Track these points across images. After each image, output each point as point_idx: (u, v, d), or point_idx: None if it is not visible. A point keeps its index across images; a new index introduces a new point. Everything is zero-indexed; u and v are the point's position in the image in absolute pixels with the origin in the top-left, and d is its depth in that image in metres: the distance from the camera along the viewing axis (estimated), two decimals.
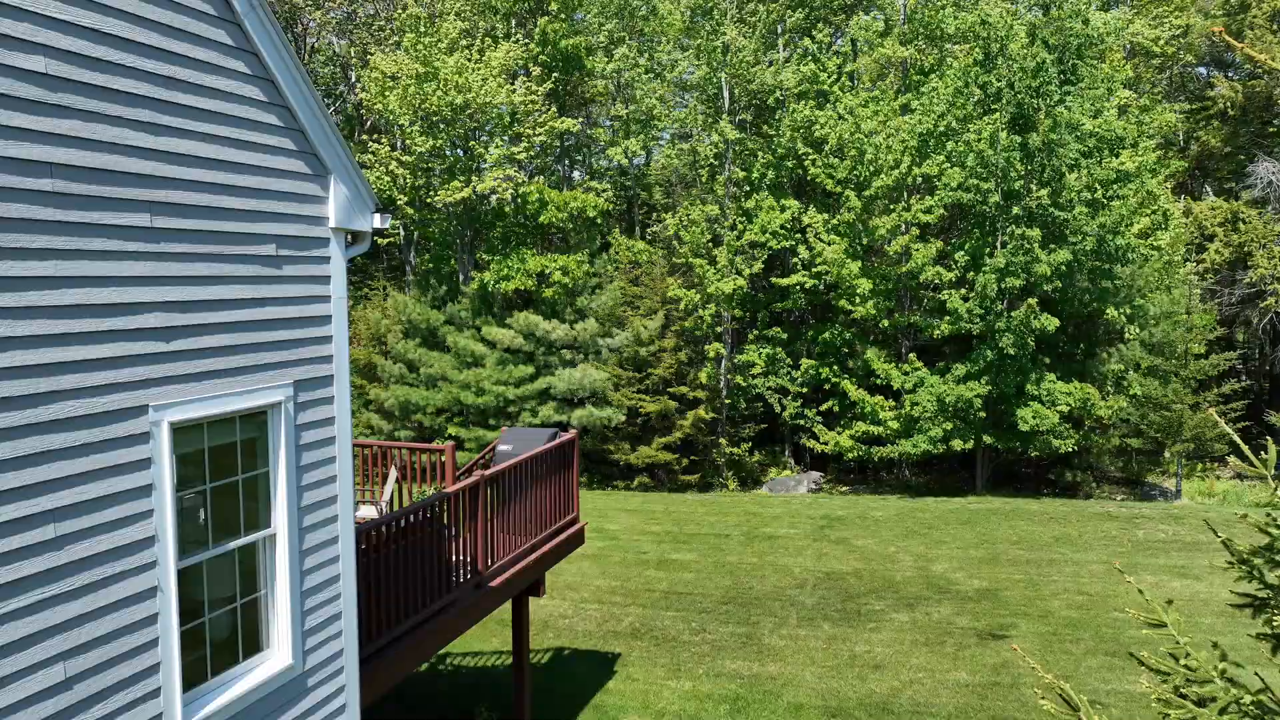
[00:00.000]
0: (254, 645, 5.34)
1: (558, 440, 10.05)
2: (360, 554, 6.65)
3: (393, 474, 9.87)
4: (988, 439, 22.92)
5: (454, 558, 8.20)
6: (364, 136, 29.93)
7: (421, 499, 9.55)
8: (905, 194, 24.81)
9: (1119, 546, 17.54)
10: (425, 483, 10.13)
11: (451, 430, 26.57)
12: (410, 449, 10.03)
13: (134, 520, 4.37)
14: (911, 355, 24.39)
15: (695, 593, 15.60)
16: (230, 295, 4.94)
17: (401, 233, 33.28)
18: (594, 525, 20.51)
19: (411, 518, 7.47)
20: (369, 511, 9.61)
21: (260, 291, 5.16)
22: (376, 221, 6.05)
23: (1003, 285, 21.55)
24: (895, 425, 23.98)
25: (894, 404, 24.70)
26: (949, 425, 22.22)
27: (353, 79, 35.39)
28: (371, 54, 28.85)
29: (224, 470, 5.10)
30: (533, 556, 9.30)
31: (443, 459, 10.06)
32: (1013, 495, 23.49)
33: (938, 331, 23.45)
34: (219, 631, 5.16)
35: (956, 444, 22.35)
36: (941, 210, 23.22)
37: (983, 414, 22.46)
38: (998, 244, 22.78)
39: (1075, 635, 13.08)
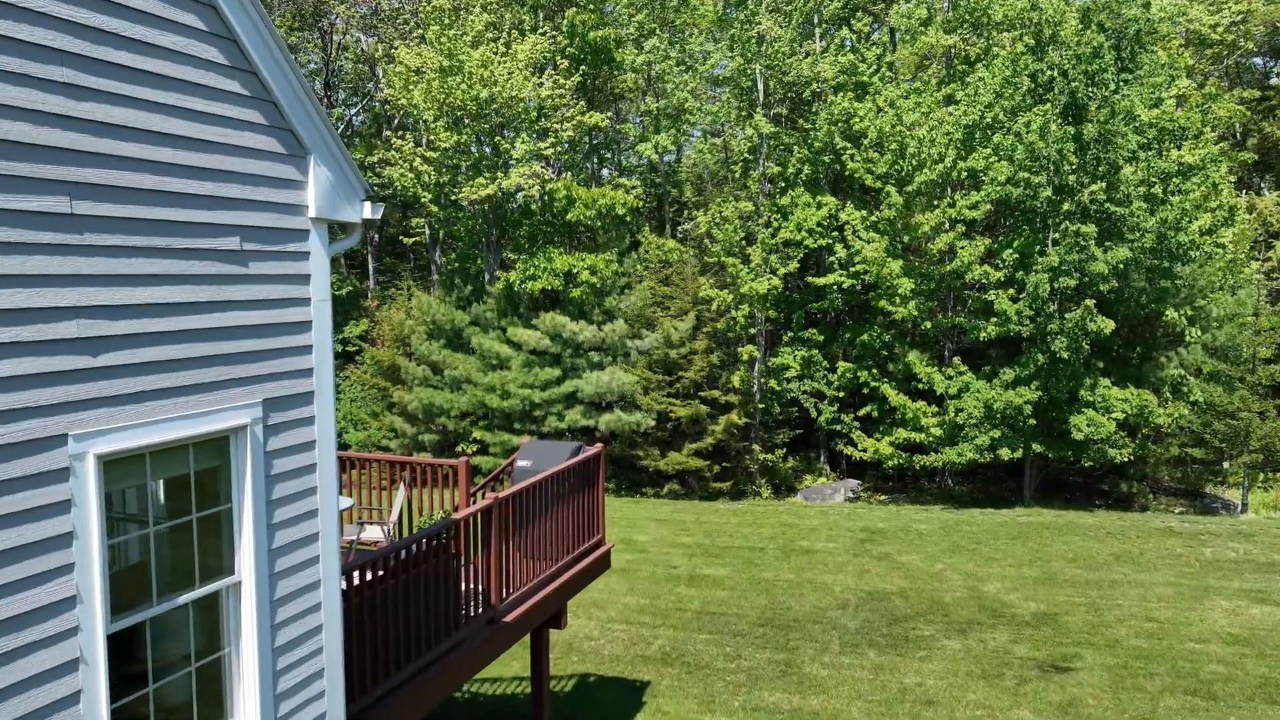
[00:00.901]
0: (216, 715, 4.49)
1: (581, 455, 9.15)
2: (352, 592, 5.80)
3: (401, 492, 9.03)
4: (1037, 447, 21.71)
5: (464, 586, 7.34)
6: (388, 133, 29.28)
7: (427, 526, 8.71)
8: (949, 189, 23.64)
9: (1186, 566, 16.30)
10: (436, 498, 9.28)
11: (476, 434, 25.84)
12: (421, 464, 9.19)
13: (48, 578, 3.52)
14: (955, 359, 23.20)
15: (729, 613, 14.64)
16: (179, 298, 4.08)
17: (427, 231, 32.64)
18: (622, 536, 19.63)
19: (415, 548, 6.61)
20: (375, 533, 8.78)
21: (220, 293, 4.30)
22: (367, 211, 5.18)
23: (1055, 285, 20.33)
24: (938, 432, 22.83)
25: (937, 409, 23.55)
26: (996, 433, 21.04)
27: (380, 77, 34.83)
28: (396, 49, 28.20)
29: (176, 509, 4.24)
30: (553, 586, 8.41)
31: (461, 474, 9.20)
32: (1064, 507, 22.25)
33: (984, 334, 22.27)
34: (172, 697, 4.31)
35: (1005, 453, 21.16)
36: (988, 206, 22.03)
37: (1032, 421, 21.24)
38: (1048, 241, 21.55)
39: (1148, 669, 11.94)
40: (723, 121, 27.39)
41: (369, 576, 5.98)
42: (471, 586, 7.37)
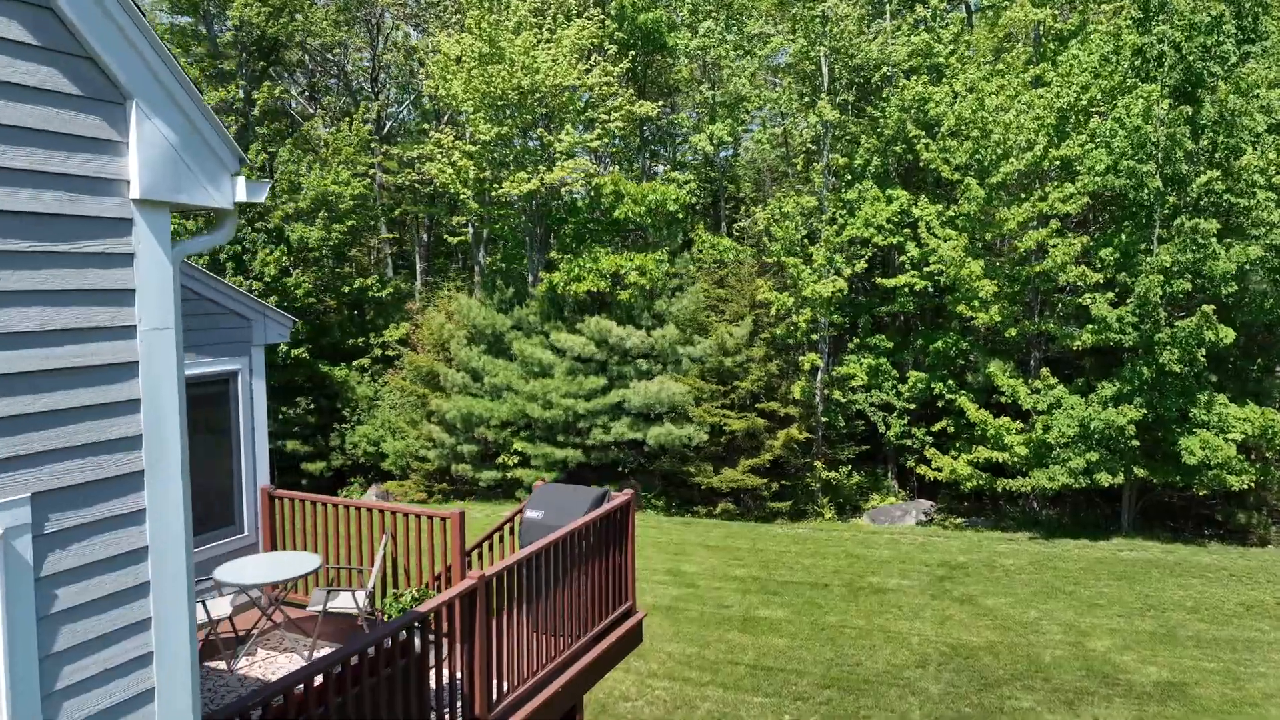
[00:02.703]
0: None
1: (606, 506, 7.32)
2: None
3: (382, 549, 7.31)
4: (1140, 472, 19.19)
5: (442, 681, 5.59)
6: (425, 126, 27.89)
7: (396, 607, 6.96)
8: (1037, 181, 21.22)
9: None
10: (424, 555, 7.56)
11: (518, 445, 24.24)
12: (408, 514, 7.46)
13: None
14: (1044, 370, 20.77)
15: (788, 668, 12.66)
16: None
17: (470, 231, 31.20)
18: (669, 565, 17.79)
19: (370, 651, 4.86)
20: (346, 601, 7.07)
21: None
22: (240, 192, 3.41)
23: (1167, 288, 17.81)
24: (1023, 451, 20.43)
25: (1022, 426, 21.15)
26: (1094, 455, 18.60)
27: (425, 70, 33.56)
28: (437, 39, 26.77)
29: None
30: (565, 678, 6.59)
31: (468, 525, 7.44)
32: (1170, 539, 19.67)
33: (1077, 343, 19.82)
34: None
35: (1103, 478, 18.71)
36: (1084, 199, 19.57)
37: (1135, 443, 18.75)
38: (1154, 238, 19.02)
39: None
40: (783, 109, 25.27)
41: (295, 699, 4.23)
42: (453, 678, 5.60)
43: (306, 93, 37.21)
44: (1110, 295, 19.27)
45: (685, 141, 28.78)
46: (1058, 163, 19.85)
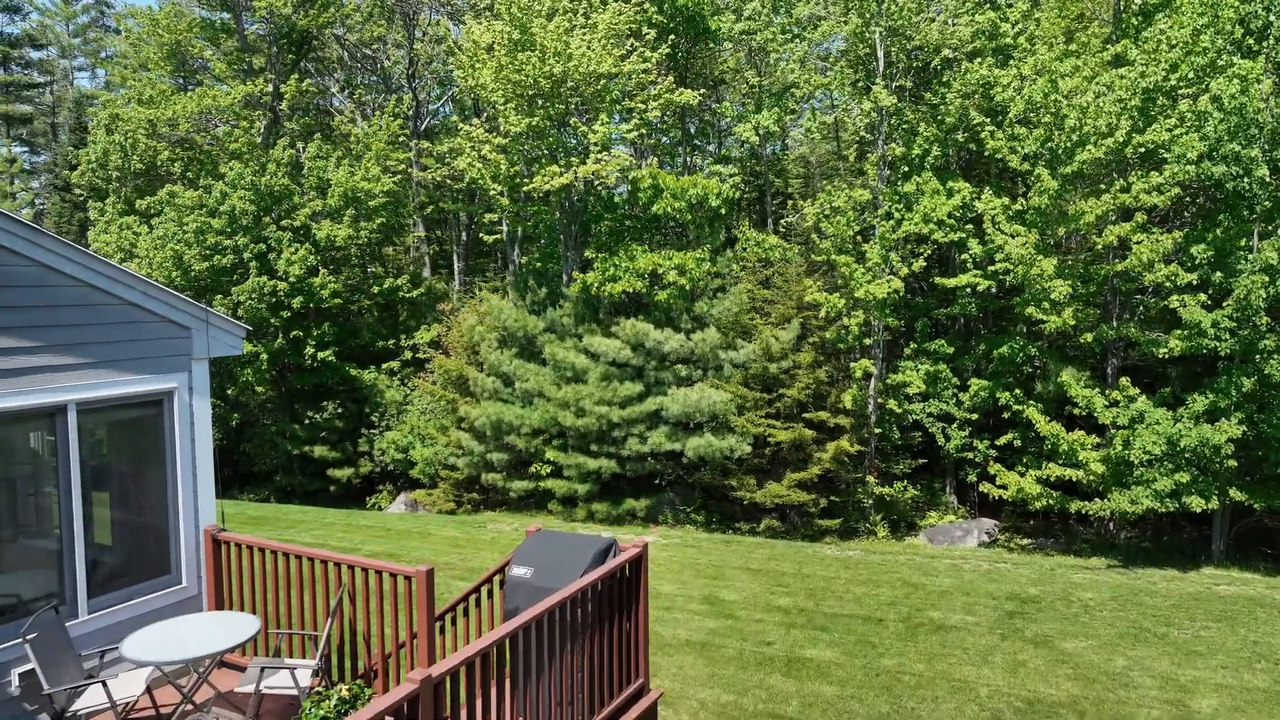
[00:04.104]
0: None
1: (611, 563, 5.86)
2: None
3: (330, 617, 5.95)
4: (1237, 495, 17.13)
5: None
6: (454, 119, 26.75)
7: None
8: (1115, 171, 19.22)
9: None
10: (387, 617, 6.18)
11: (550, 454, 22.93)
12: (367, 567, 6.08)
13: None
14: (1123, 379, 18.78)
15: None
16: None
17: (505, 229, 30.00)
18: (706, 592, 16.26)
19: None
20: (284, 680, 5.70)
21: None
22: None
23: (1272, 289, 15.77)
24: (1099, 469, 18.46)
25: (1098, 440, 19.19)
26: (1184, 476, 16.60)
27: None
28: (467, 26, 25.58)
29: None
30: None
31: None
32: (1271, 570, 17.56)
33: (1163, 350, 17.81)
34: None
35: (1194, 502, 16.70)
36: (1175, 190, 17.56)
37: (1232, 463, 16.71)
38: (1255, 233, 16.95)
39: None
40: (834, 94, 23.54)
41: None
42: None
43: (347, 90, 36.43)
44: (1203, 297, 17.24)
45: (730, 133, 27.18)
46: (1142, 150, 17.85)
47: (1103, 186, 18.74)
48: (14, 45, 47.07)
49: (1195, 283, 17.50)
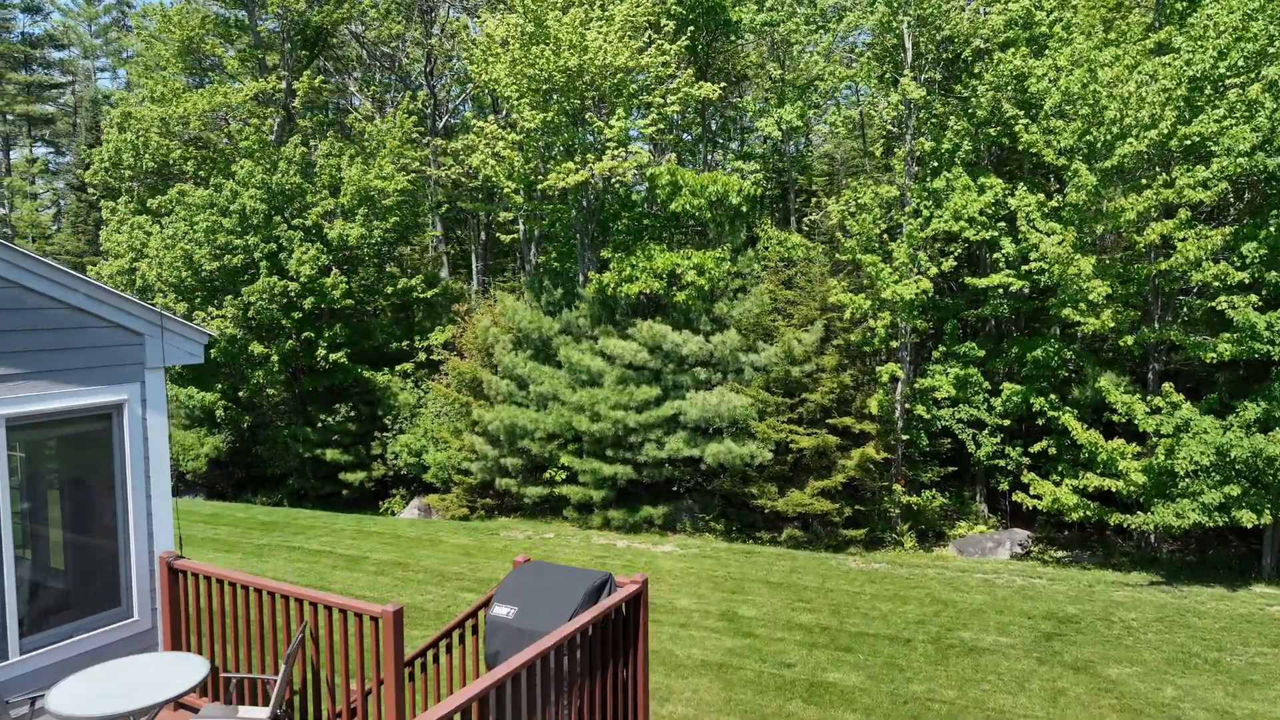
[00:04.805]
0: None
1: (605, 603, 5.15)
2: None
3: (287, 660, 5.28)
4: None
5: None
6: (466, 114, 26.17)
7: None
8: (1158, 166, 18.23)
9: None
10: (352, 655, 5.50)
11: (565, 459, 22.27)
12: (331, 605, 5.41)
13: None
14: (1165, 385, 17.79)
15: None
16: None
17: (521, 228, 29.39)
18: (724, 608, 15.52)
19: None
20: (253, 717, 5.04)
21: None
22: None
23: None
24: (1140, 479, 17.48)
25: (1139, 449, 18.20)
26: (1234, 489, 15.62)
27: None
28: (482, 21, 24.98)
29: None
30: None
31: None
32: None
33: (1210, 354, 16.81)
34: None
35: (1245, 516, 15.71)
36: (1224, 184, 16.56)
37: None
38: None
39: None
40: (860, 87, 22.68)
41: None
42: None
43: (365, 87, 35.98)
44: (1254, 298, 16.24)
45: (751, 129, 26.40)
46: (1188, 142, 16.86)
47: (1144, 181, 17.76)
48: (35, 45, 47.18)
49: (1247, 282, 16.49)
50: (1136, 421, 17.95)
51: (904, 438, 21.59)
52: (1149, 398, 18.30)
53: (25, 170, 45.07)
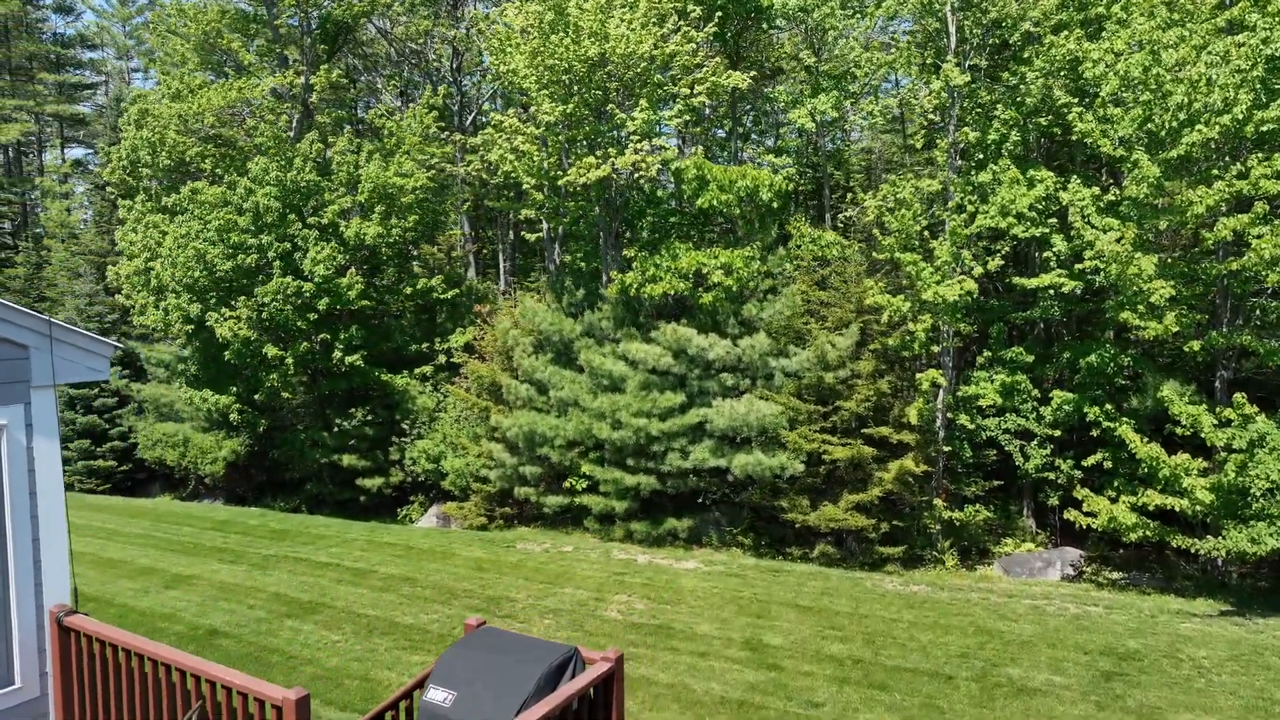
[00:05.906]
0: None
1: (568, 689, 4.04)
2: None
3: None
4: None
5: None
6: (485, 105, 25.26)
7: None
8: (1231, 154, 16.69)
9: None
10: None
11: (586, 468, 21.24)
12: (227, 685, 4.37)
13: None
14: (1236, 395, 16.24)
15: None
16: None
17: (545, 227, 28.40)
18: (748, 635, 14.34)
19: None
20: None
21: None
22: None
23: None
24: (1207, 497, 15.96)
25: (1205, 464, 16.67)
26: None
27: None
28: (503, 10, 24.02)
29: None
30: None
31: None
32: None
33: None
34: None
35: None
36: None
37: None
38: None
39: None
40: (900, 76, 21.33)
41: None
42: None
43: (391, 83, 35.30)
44: None
45: (784, 123, 25.15)
46: (1265, 128, 15.33)
47: (1215, 173, 16.24)
48: (66, 46, 47.34)
49: None
50: (1203, 435, 16.45)
51: (945, 449, 20.23)
52: (1218, 409, 16.77)
53: (55, 171, 45.18)
